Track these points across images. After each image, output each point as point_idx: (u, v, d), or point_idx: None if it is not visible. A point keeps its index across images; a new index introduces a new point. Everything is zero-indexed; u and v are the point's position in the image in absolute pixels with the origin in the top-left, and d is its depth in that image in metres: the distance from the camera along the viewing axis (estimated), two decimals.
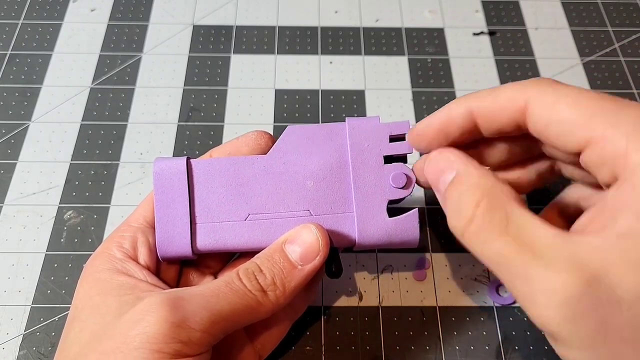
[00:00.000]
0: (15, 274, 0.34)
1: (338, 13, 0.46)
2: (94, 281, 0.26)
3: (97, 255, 0.27)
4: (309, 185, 0.28)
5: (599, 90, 0.42)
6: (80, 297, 0.26)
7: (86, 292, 0.26)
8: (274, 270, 0.26)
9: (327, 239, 0.26)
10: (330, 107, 0.41)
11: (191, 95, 0.41)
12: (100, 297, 0.25)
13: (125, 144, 0.39)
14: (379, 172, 0.28)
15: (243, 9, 0.47)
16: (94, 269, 0.26)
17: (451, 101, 0.26)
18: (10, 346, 0.31)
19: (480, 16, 0.46)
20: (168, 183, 0.27)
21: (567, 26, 0.46)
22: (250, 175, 0.28)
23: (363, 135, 0.28)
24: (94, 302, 0.25)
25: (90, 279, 0.26)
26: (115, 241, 0.27)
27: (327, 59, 0.44)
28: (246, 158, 0.28)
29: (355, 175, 0.28)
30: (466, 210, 0.22)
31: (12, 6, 0.46)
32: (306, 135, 0.28)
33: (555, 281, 0.19)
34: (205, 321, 0.23)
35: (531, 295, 0.20)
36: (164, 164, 0.28)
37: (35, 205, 0.36)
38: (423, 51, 0.44)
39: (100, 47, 0.44)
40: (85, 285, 0.26)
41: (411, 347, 0.31)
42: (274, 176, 0.28)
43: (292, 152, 0.28)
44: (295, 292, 0.26)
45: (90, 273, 0.26)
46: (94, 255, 0.28)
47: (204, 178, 0.28)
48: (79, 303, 0.26)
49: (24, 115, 0.40)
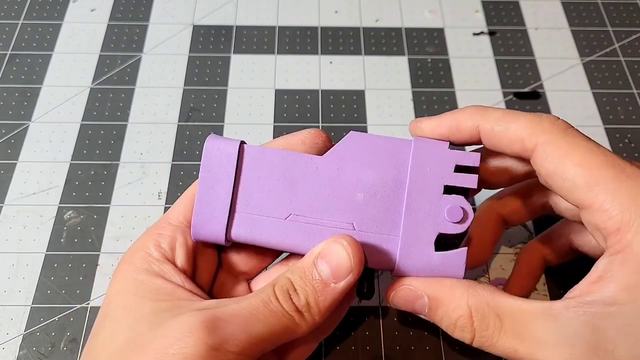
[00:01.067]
0: (15, 274, 0.34)
1: (338, 13, 0.46)
2: (131, 280, 0.25)
3: (134, 251, 0.26)
4: (358, 197, 0.26)
5: (599, 91, 0.42)
6: (114, 293, 0.25)
7: (122, 289, 0.25)
8: (307, 290, 0.24)
9: (361, 256, 0.25)
10: (330, 107, 0.41)
11: (191, 95, 0.41)
12: (135, 299, 0.24)
13: (125, 144, 0.39)
14: (436, 201, 0.26)
15: (243, 9, 0.47)
16: (132, 266, 0.25)
17: (463, 108, 0.26)
18: (10, 346, 0.31)
19: (480, 16, 0.46)
20: (217, 163, 0.26)
21: (567, 26, 0.46)
22: (300, 174, 0.26)
23: (427, 159, 0.26)
24: (129, 302, 0.24)
25: (128, 277, 0.25)
26: (153, 239, 0.26)
27: (327, 59, 0.44)
28: (301, 155, 0.27)
29: (409, 199, 0.26)
30: (467, 328, 0.24)
31: (12, 6, 0.46)
32: (368, 145, 0.26)
33: (563, 356, 0.22)
34: (243, 344, 0.22)
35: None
36: (217, 143, 0.26)
37: (35, 205, 0.36)
38: (423, 51, 0.44)
39: (100, 47, 0.44)
40: (121, 282, 0.25)
41: (411, 347, 0.31)
42: (325, 180, 0.26)
43: (349, 159, 0.26)
44: (331, 309, 0.25)
45: (127, 270, 0.26)
46: (130, 250, 0.26)
47: (253, 166, 0.26)
48: (113, 300, 0.25)
49: (24, 115, 0.40)
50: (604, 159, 0.22)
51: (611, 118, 0.40)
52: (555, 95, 0.42)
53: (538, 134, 0.23)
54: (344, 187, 0.26)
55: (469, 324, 0.24)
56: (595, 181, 0.22)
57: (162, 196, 0.37)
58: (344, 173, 0.26)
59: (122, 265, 0.26)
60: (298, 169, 0.26)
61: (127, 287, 0.25)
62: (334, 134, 0.39)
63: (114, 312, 0.24)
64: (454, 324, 0.25)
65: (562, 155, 0.22)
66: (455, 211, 0.25)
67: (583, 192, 0.22)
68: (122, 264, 0.26)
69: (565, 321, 0.22)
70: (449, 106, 0.41)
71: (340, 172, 0.26)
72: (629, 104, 0.41)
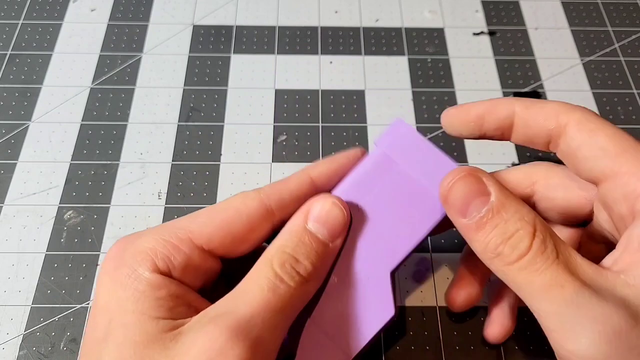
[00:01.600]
0: (15, 274, 0.34)
1: (338, 13, 0.46)
2: (132, 289, 0.22)
3: (138, 252, 0.23)
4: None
5: (599, 91, 0.42)
6: (114, 306, 0.22)
7: (120, 299, 0.22)
8: (312, 257, 0.24)
9: (347, 208, 0.25)
10: (330, 107, 0.41)
11: (191, 95, 0.41)
12: (138, 316, 0.22)
13: (125, 144, 0.39)
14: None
15: (243, 9, 0.47)
16: (130, 270, 0.23)
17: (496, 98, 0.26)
18: (10, 346, 0.31)
19: (480, 16, 0.46)
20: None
21: (567, 26, 0.46)
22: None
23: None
24: (132, 320, 0.22)
25: (128, 285, 0.22)
26: (166, 248, 0.24)
27: (327, 59, 0.44)
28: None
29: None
30: (523, 241, 0.22)
31: (12, 6, 0.46)
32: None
33: (607, 313, 0.20)
34: (271, 341, 0.22)
35: (580, 325, 0.20)
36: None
37: (35, 205, 0.36)
38: (423, 51, 0.44)
39: (100, 47, 0.44)
40: (120, 291, 0.22)
41: (411, 347, 0.31)
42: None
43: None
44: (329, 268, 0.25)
45: (126, 275, 0.23)
46: (133, 250, 0.23)
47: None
48: (113, 315, 0.22)
49: (24, 115, 0.40)
50: (630, 137, 0.23)
51: (611, 118, 0.40)
52: (555, 95, 0.42)
53: (574, 110, 0.24)
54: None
55: (527, 241, 0.21)
56: (623, 150, 0.22)
57: (162, 196, 0.37)
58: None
59: (122, 269, 0.23)
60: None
61: (126, 299, 0.22)
62: (334, 134, 0.39)
63: (116, 333, 0.22)
64: (507, 237, 0.22)
65: (594, 128, 0.23)
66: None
67: (612, 159, 0.22)
68: (121, 266, 0.23)
69: (616, 283, 0.21)
70: (448, 106, 0.41)
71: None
72: (629, 104, 0.41)
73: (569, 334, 0.20)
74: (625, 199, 0.22)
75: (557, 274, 0.21)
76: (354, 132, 0.39)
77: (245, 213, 0.25)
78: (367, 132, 0.40)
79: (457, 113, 0.26)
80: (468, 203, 0.23)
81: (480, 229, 0.22)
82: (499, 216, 0.22)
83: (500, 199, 0.22)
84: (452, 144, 0.39)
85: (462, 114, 0.26)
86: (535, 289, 0.21)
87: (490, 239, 0.22)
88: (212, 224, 0.24)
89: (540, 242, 0.21)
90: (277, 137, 0.39)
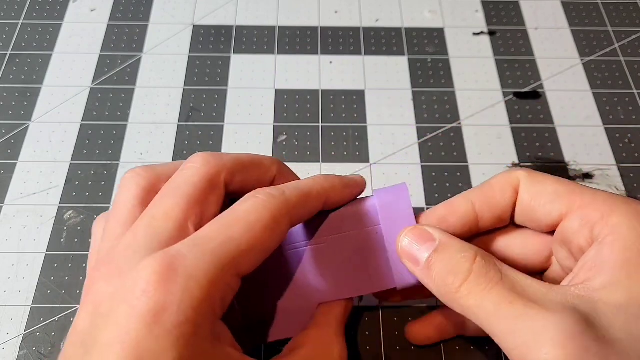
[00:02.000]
0: (15, 274, 0.34)
1: (338, 13, 0.46)
2: (200, 352, 0.20)
3: (199, 305, 0.20)
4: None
5: (599, 91, 0.42)
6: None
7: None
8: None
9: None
10: (330, 107, 0.41)
11: (191, 95, 0.41)
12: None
13: (125, 144, 0.39)
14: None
15: (243, 9, 0.47)
16: (195, 328, 0.20)
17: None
18: (10, 346, 0.31)
19: (480, 16, 0.46)
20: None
21: (567, 26, 0.46)
22: None
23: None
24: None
25: (193, 345, 0.19)
26: (220, 291, 0.21)
27: (327, 59, 0.44)
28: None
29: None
30: (464, 266, 0.23)
31: (12, 6, 0.46)
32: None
33: (557, 320, 0.21)
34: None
35: (532, 337, 0.21)
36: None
37: (35, 205, 0.36)
38: (423, 51, 0.44)
39: (100, 47, 0.44)
40: (185, 353, 0.19)
41: (411, 347, 0.31)
42: None
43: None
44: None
45: (191, 335, 0.19)
46: (191, 304, 0.20)
47: None
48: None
49: (24, 115, 0.40)
50: (572, 182, 0.26)
51: (611, 118, 0.40)
52: (555, 95, 0.42)
53: (517, 172, 0.26)
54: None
55: (469, 265, 0.23)
56: (571, 190, 0.25)
57: None
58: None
59: (185, 326, 0.19)
60: None
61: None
62: (334, 134, 0.39)
63: None
64: (451, 266, 0.23)
65: (542, 179, 0.26)
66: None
67: (567, 197, 0.25)
68: (185, 323, 0.19)
69: (565, 294, 0.22)
70: (449, 106, 0.41)
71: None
72: (629, 104, 0.41)
73: (528, 349, 0.21)
74: (584, 228, 0.24)
75: (503, 292, 0.22)
76: (354, 132, 0.40)
77: (279, 236, 0.23)
78: (367, 132, 0.40)
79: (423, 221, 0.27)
80: (417, 250, 0.25)
81: (430, 269, 0.24)
82: (443, 253, 0.24)
83: (443, 240, 0.24)
84: (452, 144, 0.39)
85: (427, 221, 0.27)
86: (486, 310, 0.22)
87: (437, 274, 0.24)
88: (254, 249, 0.22)
89: (481, 266, 0.23)
90: (277, 137, 0.39)
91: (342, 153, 0.39)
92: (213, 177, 0.24)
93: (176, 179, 0.24)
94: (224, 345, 0.21)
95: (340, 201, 0.27)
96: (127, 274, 0.20)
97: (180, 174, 0.24)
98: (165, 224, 0.22)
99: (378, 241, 0.27)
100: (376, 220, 0.27)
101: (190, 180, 0.23)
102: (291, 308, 0.27)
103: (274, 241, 0.23)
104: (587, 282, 0.22)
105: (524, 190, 0.26)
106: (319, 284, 0.27)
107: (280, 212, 0.23)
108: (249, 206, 0.22)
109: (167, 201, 0.23)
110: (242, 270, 0.22)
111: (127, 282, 0.20)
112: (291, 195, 0.24)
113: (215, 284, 0.20)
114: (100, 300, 0.20)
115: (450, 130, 0.40)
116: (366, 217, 0.27)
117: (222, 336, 0.22)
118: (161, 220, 0.22)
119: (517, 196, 0.26)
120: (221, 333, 0.22)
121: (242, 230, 0.22)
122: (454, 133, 0.40)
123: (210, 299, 0.20)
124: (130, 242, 0.22)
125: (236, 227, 0.22)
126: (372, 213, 0.27)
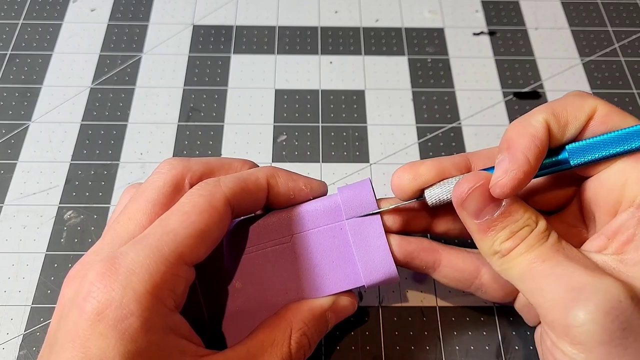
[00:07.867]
0: (15, 274, 0.34)
1: (338, 13, 0.46)
2: (145, 343, 0.21)
3: (144, 297, 0.21)
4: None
5: (599, 91, 0.42)
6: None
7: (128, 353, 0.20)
8: (315, 336, 0.27)
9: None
10: (330, 107, 0.41)
11: (191, 95, 0.41)
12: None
13: (125, 144, 0.39)
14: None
15: (243, 9, 0.47)
16: (143, 321, 0.21)
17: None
18: (10, 346, 0.31)
19: (480, 16, 0.46)
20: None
21: (567, 26, 0.46)
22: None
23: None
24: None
25: (139, 338, 0.21)
26: (169, 283, 0.22)
27: (327, 59, 0.44)
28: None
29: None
30: (528, 232, 0.24)
31: (12, 6, 0.46)
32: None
33: (605, 287, 0.21)
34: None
35: (569, 295, 0.22)
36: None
37: (35, 205, 0.36)
38: (423, 51, 0.44)
39: (100, 47, 0.44)
40: (129, 345, 0.20)
41: (411, 347, 0.31)
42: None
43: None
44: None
45: (137, 326, 0.21)
46: (136, 295, 0.21)
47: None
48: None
49: (24, 115, 0.40)
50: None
51: None
52: (555, 95, 0.42)
53: (598, 102, 0.25)
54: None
55: (533, 223, 0.24)
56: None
57: None
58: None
59: (129, 319, 0.20)
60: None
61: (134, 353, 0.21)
62: (334, 134, 0.39)
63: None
64: (514, 233, 0.24)
65: (623, 116, 0.25)
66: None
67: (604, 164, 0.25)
68: (129, 316, 0.20)
69: (612, 265, 0.23)
70: (448, 106, 0.41)
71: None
72: (629, 104, 0.41)
73: (559, 307, 0.22)
74: (611, 192, 0.24)
75: (544, 250, 0.23)
76: (354, 132, 0.40)
77: (218, 218, 0.24)
78: (367, 132, 0.40)
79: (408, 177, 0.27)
80: (482, 208, 0.25)
81: (490, 229, 0.25)
82: (509, 218, 0.24)
83: (510, 204, 0.25)
84: (452, 144, 0.39)
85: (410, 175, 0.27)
86: (526, 270, 0.23)
87: (498, 237, 0.24)
88: (193, 235, 0.23)
89: (540, 234, 0.24)
90: (277, 137, 0.39)
91: (342, 153, 0.39)
92: (178, 180, 0.25)
93: (144, 185, 0.25)
94: (179, 338, 0.22)
95: (286, 192, 0.27)
96: (82, 277, 0.22)
97: (147, 180, 0.25)
98: (127, 227, 0.24)
99: (343, 237, 0.27)
100: (340, 216, 0.27)
101: (155, 184, 0.25)
102: (255, 308, 0.27)
103: (215, 225, 0.24)
104: (631, 251, 0.23)
105: (599, 122, 0.25)
106: (282, 284, 0.27)
107: (214, 197, 0.24)
108: (183, 198, 0.24)
109: (132, 206, 0.24)
110: (190, 258, 0.23)
111: (81, 285, 0.21)
112: (227, 182, 0.25)
113: (160, 275, 0.21)
114: (63, 303, 0.22)
115: (450, 130, 0.40)
116: (330, 214, 0.27)
117: (177, 329, 0.23)
118: (124, 224, 0.24)
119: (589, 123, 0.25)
120: (176, 326, 0.23)
121: (178, 220, 0.23)
122: (454, 133, 0.40)
123: (156, 292, 0.21)
124: (97, 247, 0.24)
125: (172, 219, 0.23)
126: (336, 209, 0.27)
